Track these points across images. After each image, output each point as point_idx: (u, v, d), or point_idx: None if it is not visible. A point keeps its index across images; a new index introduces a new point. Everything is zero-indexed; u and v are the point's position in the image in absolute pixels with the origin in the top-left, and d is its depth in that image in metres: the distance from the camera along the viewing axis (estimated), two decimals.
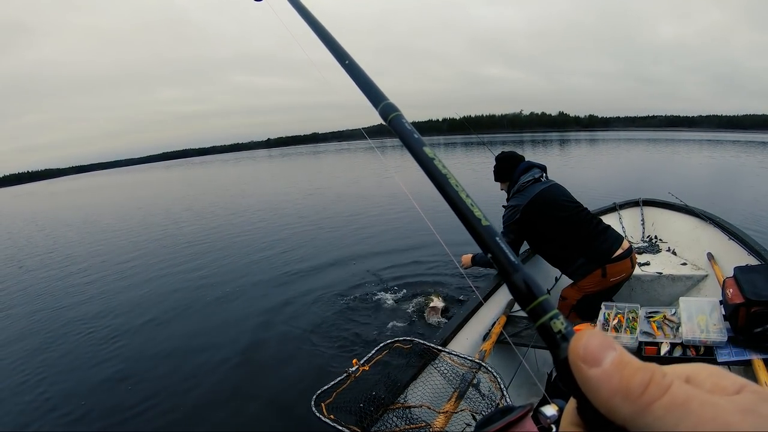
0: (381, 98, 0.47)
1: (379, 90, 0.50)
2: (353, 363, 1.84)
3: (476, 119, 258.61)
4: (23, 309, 6.54)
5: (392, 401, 1.78)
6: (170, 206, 17.60)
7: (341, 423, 1.58)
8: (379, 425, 1.66)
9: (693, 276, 3.33)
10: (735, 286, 2.09)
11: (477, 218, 0.32)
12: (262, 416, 3.37)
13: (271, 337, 4.64)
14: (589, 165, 23.30)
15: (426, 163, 0.37)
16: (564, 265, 2.93)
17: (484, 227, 0.32)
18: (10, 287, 7.92)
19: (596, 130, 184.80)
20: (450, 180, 0.35)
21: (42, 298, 7.00)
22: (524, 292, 0.28)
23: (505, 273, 0.29)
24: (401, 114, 0.44)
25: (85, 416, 3.60)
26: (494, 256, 0.30)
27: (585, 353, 0.23)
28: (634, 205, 4.36)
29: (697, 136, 64.14)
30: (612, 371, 0.23)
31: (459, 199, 0.34)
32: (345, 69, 0.58)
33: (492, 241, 0.31)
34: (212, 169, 57.54)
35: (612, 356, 0.23)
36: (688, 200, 4.10)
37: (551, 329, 0.26)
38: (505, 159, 3.14)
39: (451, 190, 0.34)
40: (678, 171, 18.75)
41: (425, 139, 0.41)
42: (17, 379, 4.30)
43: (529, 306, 0.28)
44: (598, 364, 0.23)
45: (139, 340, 4.93)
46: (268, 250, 8.45)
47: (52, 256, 10.23)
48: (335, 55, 0.62)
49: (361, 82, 0.53)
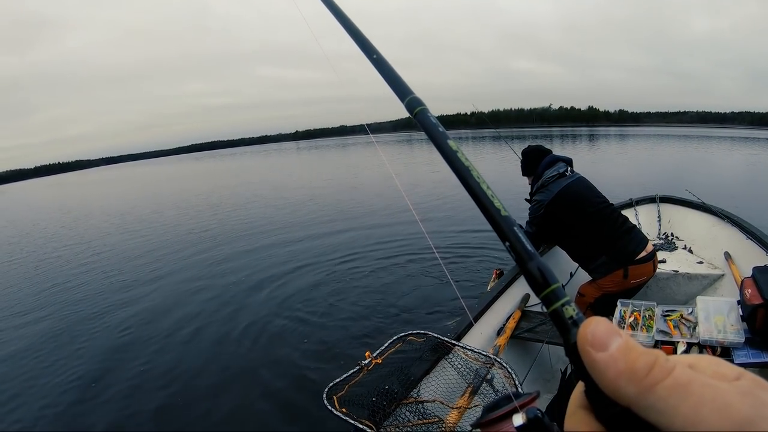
0: (407, 92, 0.49)
1: (405, 84, 0.51)
2: (366, 355, 1.84)
3: (505, 113, 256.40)
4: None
5: (405, 395, 1.77)
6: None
7: (353, 417, 1.58)
8: (391, 420, 1.65)
9: (709, 275, 3.28)
10: (754, 286, 2.05)
11: (497, 209, 0.34)
12: (273, 408, 3.40)
13: (284, 327, 4.69)
14: (614, 160, 23.06)
15: (450, 155, 0.39)
16: (585, 262, 2.88)
17: (503, 217, 0.33)
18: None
19: (626, 125, 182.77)
20: (472, 172, 0.37)
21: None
22: (539, 279, 0.30)
23: (521, 260, 0.31)
24: (426, 108, 0.46)
25: (94, 399, 3.69)
26: (512, 244, 0.32)
27: (593, 338, 0.25)
28: (651, 201, 4.29)
29: (728, 133, 62.74)
30: (618, 355, 0.24)
31: (480, 190, 0.35)
32: (372, 63, 0.59)
33: (510, 231, 0.32)
34: (244, 160, 57.50)
35: (618, 342, 0.24)
36: (711, 198, 4.02)
37: (563, 315, 0.28)
38: (530, 153, 3.10)
39: (473, 182, 0.36)
40: (703, 169, 18.41)
41: (452, 133, 0.41)
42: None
43: (543, 292, 0.29)
44: (605, 348, 0.24)
45: (153, 329, 5.01)
46: (290, 240, 8.57)
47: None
48: (363, 50, 0.63)
49: (389, 76, 0.54)
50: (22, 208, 26.93)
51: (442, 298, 4.99)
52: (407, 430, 1.62)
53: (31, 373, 4.28)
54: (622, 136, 58.72)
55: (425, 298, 5.05)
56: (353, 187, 16.20)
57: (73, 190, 38.51)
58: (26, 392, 3.95)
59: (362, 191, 14.97)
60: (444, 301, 4.89)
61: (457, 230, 7.81)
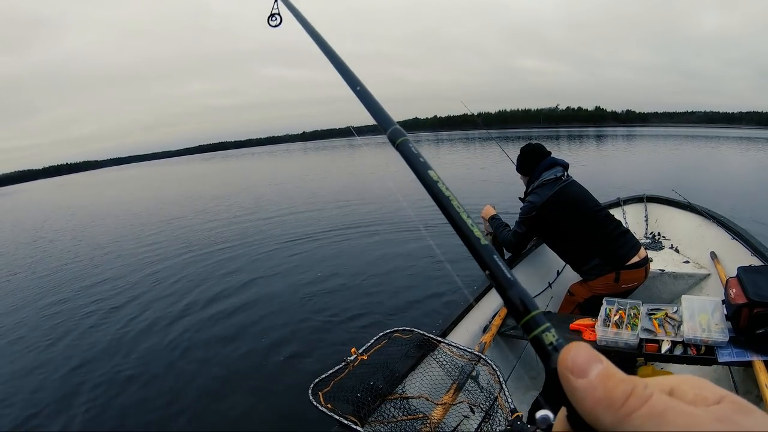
0: (390, 123, 0.50)
1: (388, 115, 0.52)
2: (352, 352, 1.82)
3: (512, 114, 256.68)
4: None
5: (390, 391, 1.77)
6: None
7: (338, 412, 1.57)
8: (376, 415, 1.65)
9: (695, 274, 3.31)
10: (738, 286, 2.07)
11: (477, 237, 0.35)
12: (259, 404, 3.39)
13: (269, 325, 4.67)
14: (620, 160, 23.36)
15: (431, 185, 0.40)
16: (577, 264, 2.89)
17: (483, 246, 0.34)
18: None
19: (633, 125, 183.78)
20: (452, 201, 0.38)
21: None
22: (519, 307, 0.30)
23: (501, 289, 0.32)
24: (408, 139, 0.47)
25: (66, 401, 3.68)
26: (492, 272, 0.33)
27: (573, 365, 0.25)
28: (638, 201, 4.33)
29: (735, 133, 63.25)
30: (597, 382, 0.24)
31: (460, 219, 0.36)
32: (356, 95, 0.60)
33: (490, 260, 0.33)
34: (254, 161, 56.78)
35: (598, 368, 0.25)
36: (703, 198, 4.06)
37: (543, 341, 0.28)
38: (529, 152, 3.06)
39: (453, 211, 0.37)
40: (704, 168, 18.64)
41: (459, 134, 0.41)
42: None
43: (523, 319, 0.30)
44: (584, 375, 0.24)
45: (147, 329, 4.97)
46: (280, 240, 8.53)
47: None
48: (347, 81, 0.64)
49: (372, 107, 0.55)
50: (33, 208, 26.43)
51: (429, 295, 5.00)
52: (392, 426, 1.62)
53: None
54: (630, 136, 59.01)
55: (412, 296, 5.05)
56: (346, 188, 16.14)
57: (88, 191, 37.74)
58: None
59: (358, 191, 14.96)
60: (430, 299, 4.90)
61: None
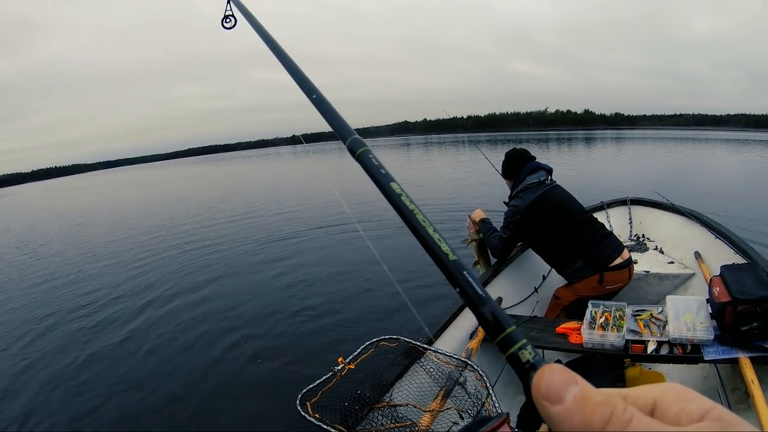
0: (349, 133, 0.48)
1: (347, 125, 0.50)
2: (339, 361, 1.81)
3: (502, 117, 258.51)
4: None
5: (378, 400, 1.76)
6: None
7: (326, 422, 1.56)
8: (364, 424, 1.64)
9: (680, 275, 3.35)
10: (722, 284, 2.09)
11: (444, 252, 0.33)
12: (247, 415, 3.34)
13: (256, 335, 4.61)
14: (606, 163, 23.58)
15: (394, 198, 0.38)
16: (561, 267, 2.92)
17: (452, 262, 0.32)
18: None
19: (622, 128, 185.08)
20: (417, 216, 0.35)
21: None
22: (492, 324, 0.29)
23: (473, 306, 0.30)
24: (369, 149, 0.45)
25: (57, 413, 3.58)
26: (462, 289, 0.31)
27: (547, 391, 0.24)
28: (622, 203, 4.37)
29: (723, 135, 64.16)
30: (573, 408, 0.23)
31: (427, 234, 0.34)
32: (313, 103, 0.57)
33: (460, 275, 0.31)
34: (246, 165, 56.28)
35: (573, 392, 0.23)
36: (689, 200, 4.11)
37: (519, 359, 0.27)
38: (513, 157, 3.09)
39: (419, 225, 0.35)
40: (691, 170, 18.92)
41: (449, 137, 0.40)
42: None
43: (498, 337, 0.28)
44: (560, 401, 0.23)
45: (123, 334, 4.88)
46: (270, 246, 8.51)
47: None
48: (303, 88, 0.61)
49: (330, 116, 0.53)
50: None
51: (416, 302, 4.97)
52: None
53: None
54: (618, 139, 59.57)
55: (397, 304, 5.00)
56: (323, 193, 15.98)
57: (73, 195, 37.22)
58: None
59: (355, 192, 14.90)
60: (416, 306, 4.87)
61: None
